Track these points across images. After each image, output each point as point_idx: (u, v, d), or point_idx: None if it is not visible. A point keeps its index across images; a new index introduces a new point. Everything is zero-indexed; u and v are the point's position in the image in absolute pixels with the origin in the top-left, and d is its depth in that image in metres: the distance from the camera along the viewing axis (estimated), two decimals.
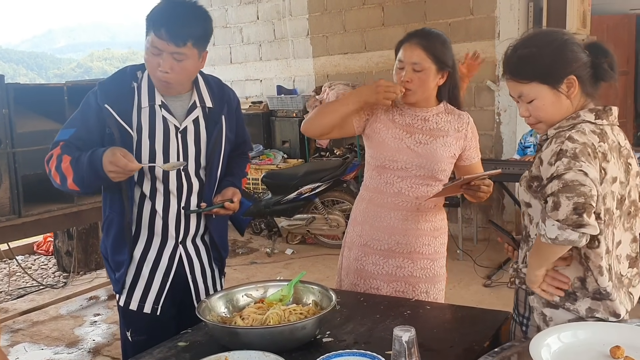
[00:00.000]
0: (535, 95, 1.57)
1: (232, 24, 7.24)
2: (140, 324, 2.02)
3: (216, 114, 2.02)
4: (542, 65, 1.55)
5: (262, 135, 6.66)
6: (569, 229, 1.36)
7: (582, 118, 1.54)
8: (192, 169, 1.99)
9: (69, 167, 1.85)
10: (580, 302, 1.53)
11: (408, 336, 1.44)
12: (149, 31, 1.84)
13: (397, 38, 2.14)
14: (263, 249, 5.87)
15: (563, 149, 1.44)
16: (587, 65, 1.56)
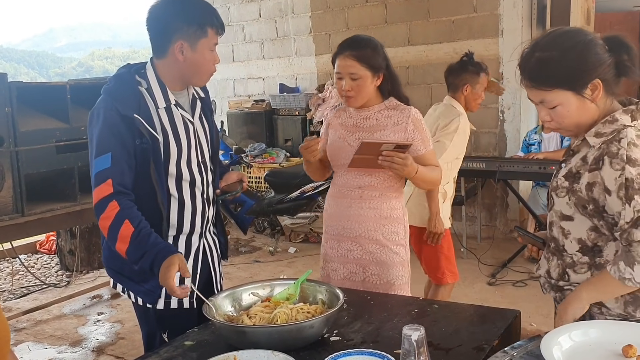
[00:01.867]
0: (560, 102, 1.52)
1: (234, 22, 7.22)
2: (177, 322, 2.00)
3: (208, 103, 2.11)
4: (565, 72, 1.49)
5: (265, 133, 6.65)
6: None
7: (621, 122, 1.50)
8: (208, 161, 2.07)
9: (128, 237, 1.79)
10: None
11: (417, 335, 1.42)
12: (203, 33, 1.90)
13: (400, 36, 2.15)
14: (266, 248, 5.86)
15: (628, 178, 1.43)
16: (612, 66, 1.51)
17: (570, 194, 1.56)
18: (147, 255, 1.79)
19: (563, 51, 1.49)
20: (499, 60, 5.59)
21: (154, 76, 1.94)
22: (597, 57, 1.49)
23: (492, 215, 5.93)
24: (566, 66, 1.49)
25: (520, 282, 4.58)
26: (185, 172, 1.97)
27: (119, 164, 1.83)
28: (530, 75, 1.53)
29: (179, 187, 1.98)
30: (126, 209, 1.81)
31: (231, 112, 6.97)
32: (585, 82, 1.49)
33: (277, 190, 5.63)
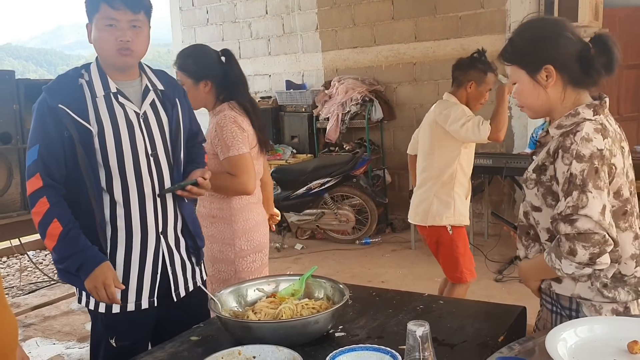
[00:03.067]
0: (517, 79, 1.65)
1: (240, 19, 7.23)
2: (129, 325, 1.96)
3: (170, 95, 2.02)
4: (522, 51, 1.62)
5: (271, 130, 6.64)
6: (585, 268, 1.51)
7: (582, 116, 1.57)
8: (161, 153, 1.96)
9: (56, 236, 1.82)
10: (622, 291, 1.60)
11: (422, 331, 1.42)
12: (97, 7, 1.83)
13: (407, 32, 2.14)
14: (272, 244, 5.86)
15: (573, 173, 1.50)
16: (574, 58, 1.58)
17: (539, 186, 1.63)
18: (74, 258, 1.82)
19: (527, 34, 1.64)
20: None
21: (96, 67, 1.92)
22: (555, 47, 1.58)
23: (499, 211, 5.90)
24: (523, 46, 1.62)
25: None
26: (128, 165, 1.89)
27: (46, 157, 1.83)
28: (501, 52, 1.68)
29: (125, 186, 1.89)
30: (55, 207, 1.81)
31: None
32: (538, 65, 1.59)
33: (283, 187, 5.63)
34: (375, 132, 6.32)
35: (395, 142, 6.39)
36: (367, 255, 5.48)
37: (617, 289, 1.59)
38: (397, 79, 6.29)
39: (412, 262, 5.15)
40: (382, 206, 6.00)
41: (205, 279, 2.19)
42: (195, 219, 2.15)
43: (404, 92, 6.27)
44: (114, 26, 1.83)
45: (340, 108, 6.17)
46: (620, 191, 1.56)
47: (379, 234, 5.94)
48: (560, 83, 1.60)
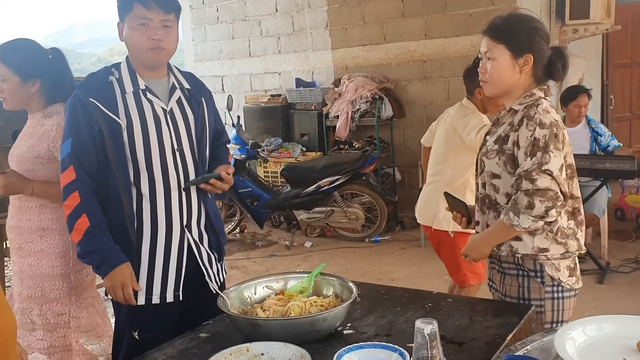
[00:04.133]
0: (498, 57, 1.89)
1: (250, 17, 7.24)
2: (153, 318, 2.00)
3: (196, 95, 2.08)
4: (515, 36, 1.88)
5: (281, 128, 6.65)
6: (539, 221, 1.80)
7: (538, 95, 1.89)
8: (187, 149, 2.03)
9: (82, 230, 1.90)
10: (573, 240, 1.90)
11: (430, 328, 1.42)
12: (130, 7, 1.89)
13: (417, 29, 2.14)
14: (282, 242, 5.88)
15: (536, 137, 1.80)
16: (545, 57, 1.89)
17: (500, 154, 1.91)
18: (96, 255, 1.90)
19: (522, 24, 1.91)
20: None
21: (126, 65, 1.99)
22: (539, 40, 1.89)
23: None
24: (518, 33, 1.88)
25: None
26: (155, 159, 1.95)
27: (79, 150, 1.91)
28: (491, 28, 1.92)
29: (151, 179, 1.96)
30: (86, 202, 1.89)
31: (248, 106, 6.99)
32: (523, 51, 1.87)
33: (293, 185, 5.64)
34: (385, 130, 6.31)
35: (405, 139, 6.38)
36: (377, 253, 5.47)
37: (566, 238, 1.88)
38: (407, 77, 6.28)
39: (421, 260, 5.14)
40: (392, 204, 5.99)
41: (225, 277, 2.22)
42: (218, 216, 2.19)
43: (414, 89, 6.26)
44: (147, 25, 1.90)
45: (350, 106, 6.17)
46: (566, 157, 1.87)
47: (388, 232, 5.94)
48: (531, 72, 1.90)
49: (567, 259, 1.89)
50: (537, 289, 1.89)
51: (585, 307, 3.78)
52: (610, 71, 7.03)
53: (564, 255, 1.88)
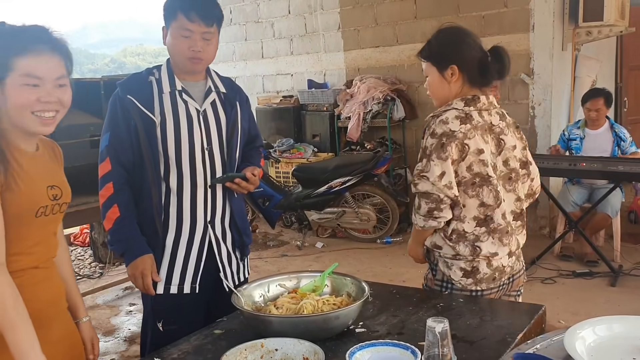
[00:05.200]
0: (428, 73, 2.06)
1: (263, 19, 7.28)
2: (176, 309, 2.08)
3: (231, 98, 2.16)
4: (436, 52, 2.03)
5: (293, 129, 6.68)
6: (430, 220, 1.96)
7: (452, 106, 1.98)
8: (216, 149, 2.11)
9: (113, 219, 2.02)
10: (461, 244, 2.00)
11: (441, 327, 1.44)
12: (174, 16, 1.99)
13: (429, 31, 2.15)
14: (294, 242, 5.91)
15: (426, 145, 1.96)
16: (474, 63, 1.98)
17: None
18: (122, 244, 2.02)
19: (441, 38, 2.04)
20: (530, 56, 5.52)
21: (166, 67, 2.09)
22: (461, 52, 1.99)
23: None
24: (438, 48, 2.03)
25: (549, 279, 4.54)
26: (184, 156, 2.04)
27: (115, 143, 2.03)
28: (420, 50, 2.09)
29: (180, 176, 2.06)
30: (119, 193, 1.99)
31: (260, 108, 7.03)
32: (446, 65, 1.99)
33: (304, 185, 5.66)
34: (397, 131, 6.32)
35: (417, 141, 6.38)
36: (389, 254, 5.48)
37: (458, 242, 2.00)
38: (420, 78, 6.26)
39: None
40: (404, 205, 6.00)
41: (247, 276, 2.28)
42: (244, 216, 2.26)
43: (426, 91, 6.25)
44: (188, 37, 1.99)
45: (362, 107, 6.19)
46: (471, 166, 1.96)
47: (400, 233, 5.94)
48: (461, 81, 2.00)
49: (460, 261, 2.00)
50: (431, 280, 2.11)
51: (597, 309, 3.78)
52: (625, 73, 7.00)
53: (455, 257, 2.01)
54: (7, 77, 1.48)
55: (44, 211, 1.57)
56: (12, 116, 1.51)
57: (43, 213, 1.57)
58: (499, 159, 2.02)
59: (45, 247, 1.63)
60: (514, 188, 2.06)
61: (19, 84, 1.48)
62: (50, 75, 1.51)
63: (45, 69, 1.50)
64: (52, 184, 1.61)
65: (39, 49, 1.50)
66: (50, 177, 1.63)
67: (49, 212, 1.59)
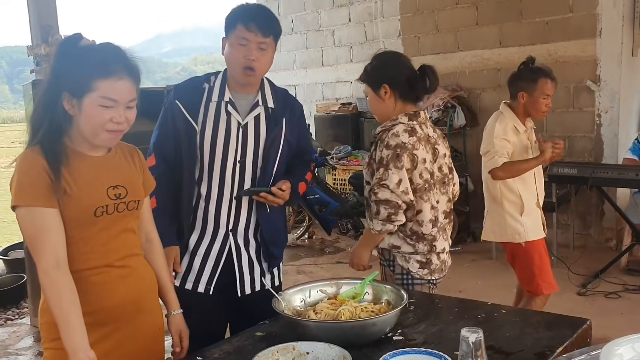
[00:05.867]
0: (367, 94, 2.37)
1: (324, 27, 7.37)
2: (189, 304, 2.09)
3: (278, 114, 2.18)
4: (370, 74, 2.35)
5: (351, 136, 6.72)
6: (387, 224, 2.22)
7: (398, 121, 2.27)
8: (249, 162, 2.15)
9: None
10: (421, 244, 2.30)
11: (475, 337, 1.43)
12: (234, 26, 2.07)
13: (491, 37, 2.17)
14: (350, 249, 5.92)
15: (382, 157, 2.22)
16: (404, 81, 2.28)
17: (369, 167, 2.34)
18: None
19: (374, 62, 2.36)
20: (596, 62, 5.34)
21: (221, 76, 2.17)
22: (391, 72, 2.30)
23: (587, 223, 5.67)
24: (372, 72, 2.34)
25: (613, 294, 4.37)
26: (216, 166, 2.12)
27: (162, 141, 2.14)
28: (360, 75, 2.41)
29: (209, 183, 2.14)
30: (159, 186, 2.03)
31: (318, 115, 7.11)
32: (379, 84, 2.30)
33: (361, 193, 5.67)
34: (457, 139, 6.24)
35: (478, 149, 6.23)
36: None
37: (418, 242, 2.28)
38: (481, 85, 6.19)
39: (492, 273, 5.04)
40: (464, 215, 5.90)
41: (278, 284, 2.31)
42: (276, 227, 2.26)
43: (487, 98, 6.16)
44: (244, 45, 2.06)
45: None
46: (421, 174, 2.24)
47: (459, 243, 5.85)
48: (393, 98, 2.29)
49: (417, 255, 2.31)
50: (390, 276, 2.36)
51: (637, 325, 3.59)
52: None
53: (413, 253, 2.31)
54: (86, 96, 1.58)
55: (104, 210, 1.65)
56: (83, 130, 1.62)
57: (104, 212, 1.65)
58: (435, 166, 2.31)
59: (117, 246, 1.70)
60: (447, 191, 2.38)
61: (96, 104, 1.59)
62: (124, 98, 1.62)
63: (121, 92, 1.60)
64: (115, 184, 1.69)
65: (119, 74, 1.60)
66: (114, 178, 1.70)
67: (113, 211, 1.67)
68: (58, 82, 1.61)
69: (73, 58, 1.60)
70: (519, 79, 3.15)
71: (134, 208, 1.74)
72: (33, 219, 1.56)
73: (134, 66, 1.66)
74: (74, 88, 1.59)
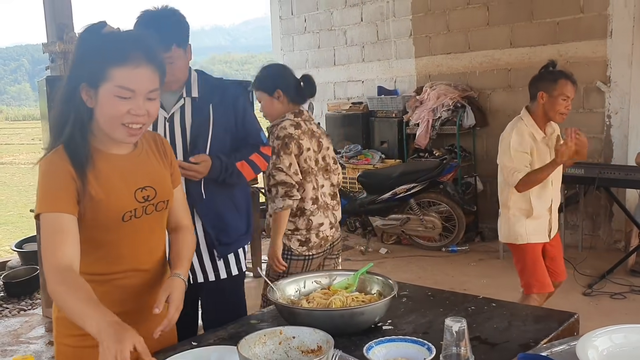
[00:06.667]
0: (261, 99, 2.82)
1: (336, 27, 7.41)
2: None
3: (204, 102, 2.24)
4: (263, 82, 2.80)
5: (361, 135, 6.75)
6: (287, 199, 2.65)
7: (286, 117, 2.75)
8: (180, 151, 2.21)
9: None
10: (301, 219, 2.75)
11: (458, 327, 1.47)
12: None
13: (502, 37, 2.19)
14: (358, 247, 5.97)
15: (274, 146, 2.64)
16: (292, 86, 2.79)
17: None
18: None
19: (265, 72, 2.82)
20: (607, 63, 5.33)
21: None
22: (282, 79, 2.79)
23: (595, 224, 5.66)
24: (264, 80, 2.80)
25: (618, 295, 4.36)
26: None
27: None
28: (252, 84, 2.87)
29: None
30: None
31: (330, 114, 7.16)
32: (273, 89, 2.77)
33: (369, 191, 5.72)
34: (466, 139, 6.26)
35: (487, 149, 6.28)
36: (453, 263, 5.44)
37: (299, 217, 2.74)
38: (491, 85, 6.20)
39: (498, 272, 5.06)
40: (472, 214, 5.92)
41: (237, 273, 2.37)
42: (221, 215, 2.31)
43: (498, 98, 6.17)
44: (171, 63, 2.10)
45: (431, 114, 6.17)
46: (306, 160, 2.72)
47: (467, 242, 5.88)
48: (285, 100, 2.77)
49: (297, 235, 2.76)
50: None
51: None
52: None
53: (294, 231, 2.75)
54: (101, 86, 1.47)
55: (132, 214, 1.57)
56: (102, 123, 1.52)
57: (133, 216, 1.57)
58: (319, 156, 2.81)
59: (145, 249, 1.64)
60: (329, 177, 2.86)
61: (113, 94, 1.47)
62: (143, 88, 1.48)
63: (140, 82, 1.47)
64: (143, 186, 1.60)
65: (137, 61, 1.47)
66: (142, 179, 1.61)
67: (141, 214, 1.59)
68: (77, 73, 1.51)
69: (92, 46, 1.49)
70: (539, 80, 3.14)
71: (162, 209, 1.66)
72: (53, 223, 1.46)
73: (156, 52, 1.54)
74: (91, 77, 1.47)
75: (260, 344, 1.41)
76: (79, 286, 1.41)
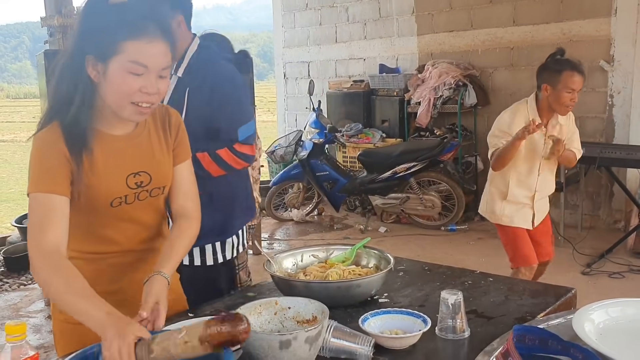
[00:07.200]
0: None
1: (338, 3, 7.33)
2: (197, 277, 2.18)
3: (181, 84, 2.13)
4: None
5: (362, 114, 6.71)
6: None
7: None
8: None
9: None
10: None
11: (454, 299, 1.48)
12: None
13: (505, 15, 2.13)
14: (357, 226, 5.98)
15: None
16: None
17: None
18: None
19: None
20: (611, 42, 5.27)
21: None
22: None
23: (596, 204, 5.65)
24: None
25: (617, 274, 4.37)
26: None
27: None
28: None
29: None
30: None
31: (331, 92, 7.11)
32: None
33: (369, 170, 5.71)
34: (468, 118, 6.22)
35: (488, 128, 6.11)
36: (452, 241, 5.45)
37: None
38: (494, 64, 6.14)
39: (496, 251, 5.02)
40: (472, 193, 5.91)
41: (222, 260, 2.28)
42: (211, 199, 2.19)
43: (500, 77, 6.12)
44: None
45: (433, 92, 6.13)
46: None
47: (466, 222, 5.88)
48: None
49: None
50: None
51: None
52: None
53: None
54: (112, 60, 1.37)
55: (122, 200, 1.51)
56: (109, 100, 1.42)
57: (123, 202, 1.51)
58: None
59: (138, 229, 1.59)
60: None
61: (124, 69, 1.38)
62: (157, 65, 1.40)
63: (154, 57, 1.39)
64: (137, 171, 1.52)
65: (151, 35, 1.38)
66: (137, 163, 1.53)
67: (133, 200, 1.53)
68: (82, 45, 1.40)
69: (99, 16, 1.39)
70: (544, 69, 3.02)
71: (158, 194, 1.58)
72: (43, 203, 1.40)
73: (167, 23, 1.45)
74: (99, 50, 1.37)
75: (256, 314, 1.41)
76: (70, 276, 1.35)
